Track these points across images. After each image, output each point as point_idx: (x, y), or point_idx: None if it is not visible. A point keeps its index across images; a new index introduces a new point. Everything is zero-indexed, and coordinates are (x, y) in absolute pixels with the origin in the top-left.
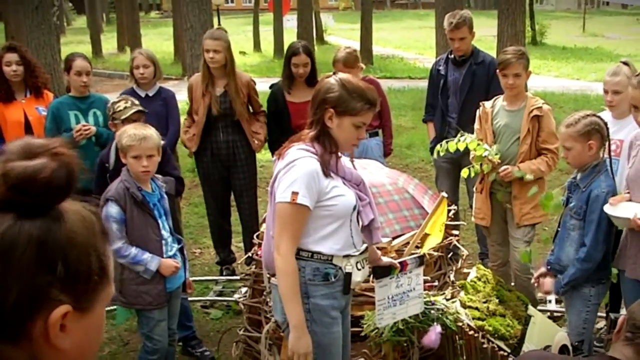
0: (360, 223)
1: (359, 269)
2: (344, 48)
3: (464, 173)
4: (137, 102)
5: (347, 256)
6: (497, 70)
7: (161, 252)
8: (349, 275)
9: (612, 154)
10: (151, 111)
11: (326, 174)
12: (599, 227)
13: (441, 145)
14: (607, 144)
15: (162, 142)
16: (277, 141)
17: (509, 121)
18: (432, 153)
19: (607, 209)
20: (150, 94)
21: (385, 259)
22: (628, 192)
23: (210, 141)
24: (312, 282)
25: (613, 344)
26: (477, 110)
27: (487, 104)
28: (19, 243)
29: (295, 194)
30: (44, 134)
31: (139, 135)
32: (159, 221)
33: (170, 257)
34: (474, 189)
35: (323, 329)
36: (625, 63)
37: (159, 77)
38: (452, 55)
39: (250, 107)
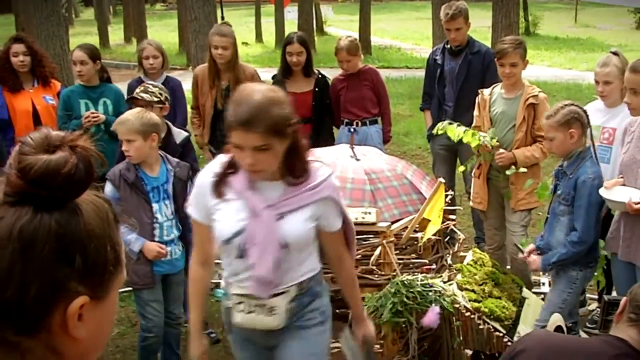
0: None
1: (240, 310)
2: (346, 37)
3: (461, 169)
4: (153, 89)
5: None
6: (495, 59)
7: (152, 235)
8: (227, 311)
9: (605, 141)
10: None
11: (218, 193)
12: (589, 211)
13: (442, 124)
14: (588, 131)
15: (185, 135)
16: None
17: (505, 108)
18: (429, 140)
19: (603, 192)
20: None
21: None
22: (622, 177)
23: (216, 134)
24: None
25: (615, 325)
26: (477, 97)
27: (486, 92)
28: (38, 237)
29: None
30: (54, 122)
31: (120, 120)
32: (154, 205)
33: (165, 242)
34: (472, 174)
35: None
36: (614, 53)
37: (166, 67)
38: (449, 46)
39: None
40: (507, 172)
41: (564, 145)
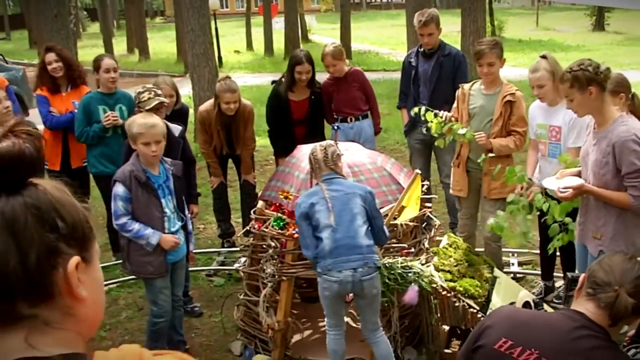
0: None
1: None
2: (331, 43)
3: (439, 143)
4: (159, 92)
5: None
6: (475, 60)
7: (163, 227)
8: None
9: (554, 139)
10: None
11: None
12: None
13: (420, 109)
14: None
15: (180, 129)
16: (276, 131)
17: (484, 103)
18: (406, 135)
19: (544, 181)
20: (168, 113)
21: None
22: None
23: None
24: None
25: (575, 300)
26: (457, 91)
27: (466, 86)
28: (18, 214)
29: None
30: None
31: (148, 123)
32: (162, 200)
33: (172, 232)
34: (452, 163)
35: None
36: (543, 57)
37: (179, 103)
38: (422, 49)
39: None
40: (479, 160)
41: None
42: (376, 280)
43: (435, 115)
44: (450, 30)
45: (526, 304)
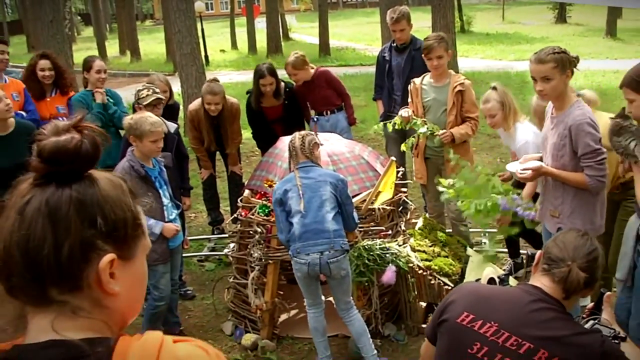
0: None
1: None
2: (293, 54)
3: (404, 147)
4: (157, 90)
5: None
6: (423, 55)
7: (163, 217)
8: None
9: (511, 159)
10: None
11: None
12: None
13: (390, 122)
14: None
15: (175, 126)
16: (256, 133)
17: (436, 95)
18: (382, 123)
19: (508, 165)
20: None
21: None
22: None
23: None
24: None
25: (533, 275)
26: (409, 86)
27: (417, 80)
28: (61, 205)
29: None
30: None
31: (157, 123)
32: (160, 191)
33: (170, 220)
34: (412, 153)
35: None
36: (494, 88)
37: (172, 99)
38: (395, 44)
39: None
40: (451, 163)
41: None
42: (343, 262)
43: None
44: (422, 26)
45: (491, 280)
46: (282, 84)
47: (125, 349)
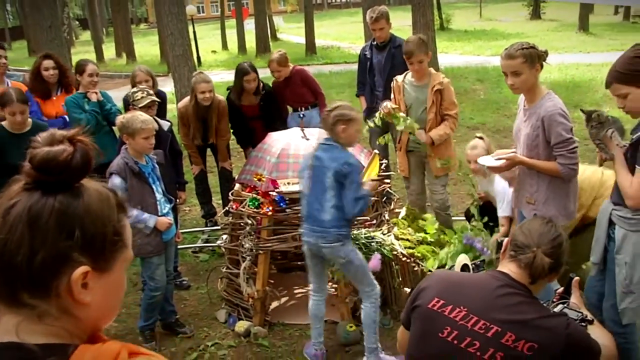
0: None
1: None
2: (277, 52)
3: (380, 140)
4: (151, 92)
5: None
6: (405, 58)
7: (157, 211)
8: None
9: (480, 201)
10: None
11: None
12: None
13: (375, 117)
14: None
15: (169, 124)
16: (234, 129)
17: (417, 94)
18: (365, 120)
19: (480, 159)
20: None
21: None
22: (514, 147)
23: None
24: None
25: (501, 261)
26: (392, 84)
27: (399, 78)
28: (43, 214)
29: None
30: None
31: (148, 121)
32: (153, 187)
33: (164, 214)
34: (395, 147)
35: None
36: (480, 137)
37: (156, 87)
38: (375, 42)
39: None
40: (438, 165)
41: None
42: (340, 250)
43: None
44: (402, 24)
45: (464, 267)
46: (261, 83)
47: (81, 359)
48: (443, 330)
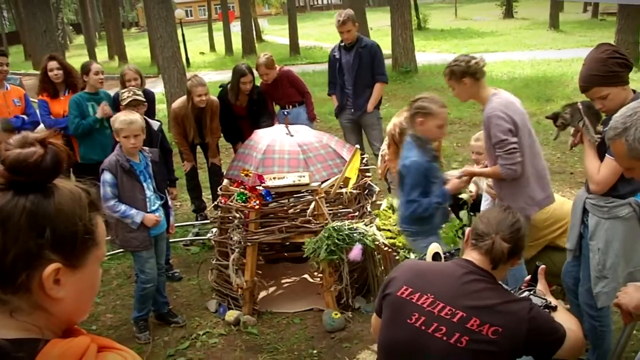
0: None
1: None
2: (263, 55)
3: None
4: (138, 92)
5: None
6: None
7: (145, 207)
8: None
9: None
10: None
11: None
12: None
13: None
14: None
15: (159, 124)
16: (223, 126)
17: None
18: (336, 116)
19: (447, 173)
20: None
21: None
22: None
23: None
24: None
25: (464, 250)
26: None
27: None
28: (14, 214)
29: None
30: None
31: (127, 120)
32: (144, 184)
33: (153, 211)
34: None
35: None
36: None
37: (144, 85)
38: (343, 43)
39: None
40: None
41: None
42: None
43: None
44: (382, 25)
45: (436, 255)
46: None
47: (49, 354)
48: (411, 316)
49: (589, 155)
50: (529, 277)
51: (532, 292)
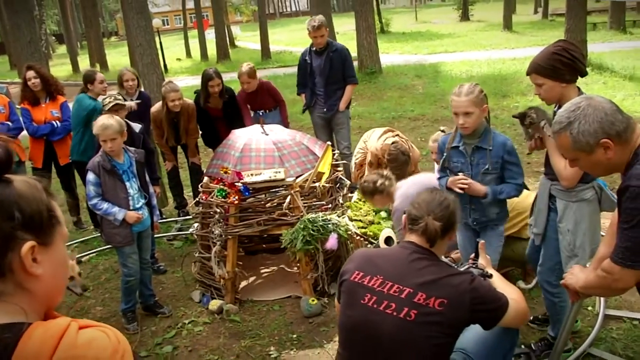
0: None
1: None
2: (246, 64)
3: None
4: (119, 97)
5: None
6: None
7: (128, 205)
8: None
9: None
10: (137, 110)
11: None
12: (520, 167)
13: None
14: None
15: (140, 127)
16: (202, 128)
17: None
18: (304, 112)
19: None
20: (134, 99)
21: None
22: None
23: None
24: None
25: (404, 235)
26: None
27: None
28: None
29: None
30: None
31: (102, 125)
32: (127, 183)
33: (137, 209)
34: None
35: None
36: (442, 131)
37: (140, 86)
38: (314, 48)
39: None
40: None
41: (478, 121)
42: None
43: None
44: (347, 29)
45: (388, 239)
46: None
47: (32, 334)
48: (364, 297)
49: (554, 154)
50: (473, 254)
51: (474, 265)
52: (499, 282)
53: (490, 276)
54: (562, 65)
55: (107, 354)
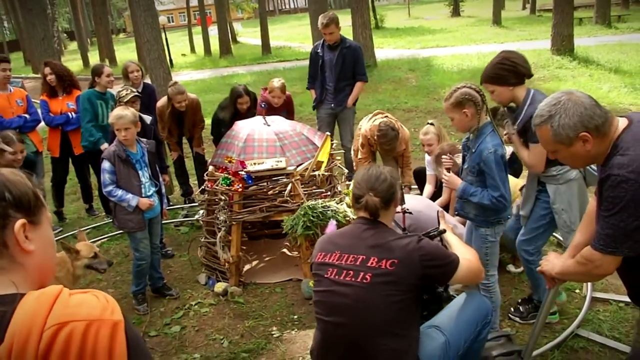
0: None
1: None
2: (277, 80)
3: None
4: (134, 90)
5: None
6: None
7: (140, 193)
8: None
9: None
10: (143, 101)
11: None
12: (497, 179)
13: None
14: (484, 107)
15: (151, 118)
16: (218, 138)
17: None
18: (314, 109)
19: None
20: (139, 90)
21: None
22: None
23: (181, 146)
24: None
25: (355, 212)
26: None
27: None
28: None
29: None
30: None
31: (117, 115)
32: (140, 172)
33: (148, 196)
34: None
35: None
36: (431, 124)
37: (145, 77)
38: (327, 43)
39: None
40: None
41: (462, 123)
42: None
43: None
44: (343, 25)
45: None
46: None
47: (26, 301)
48: (327, 272)
49: (518, 147)
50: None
51: (434, 230)
52: (456, 244)
53: (443, 231)
54: (506, 72)
55: (98, 312)
